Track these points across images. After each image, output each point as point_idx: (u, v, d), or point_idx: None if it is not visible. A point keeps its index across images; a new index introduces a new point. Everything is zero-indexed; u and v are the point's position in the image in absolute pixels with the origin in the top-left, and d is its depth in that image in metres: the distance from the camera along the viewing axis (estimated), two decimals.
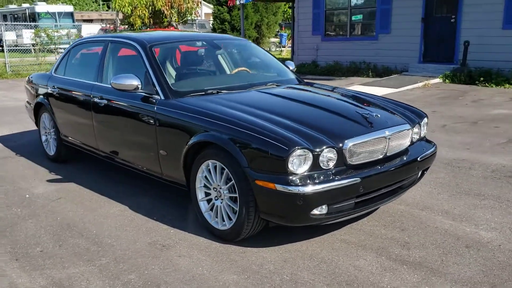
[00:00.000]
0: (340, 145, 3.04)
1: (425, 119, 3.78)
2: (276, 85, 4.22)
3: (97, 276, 2.94)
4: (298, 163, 2.92)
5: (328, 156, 2.99)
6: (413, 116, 3.69)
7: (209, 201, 3.50)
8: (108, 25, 22.25)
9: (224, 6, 22.71)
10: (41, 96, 5.47)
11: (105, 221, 3.78)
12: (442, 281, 2.79)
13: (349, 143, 3.06)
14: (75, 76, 4.97)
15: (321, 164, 2.98)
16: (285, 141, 2.92)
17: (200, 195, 3.52)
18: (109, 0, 65.08)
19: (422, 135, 3.75)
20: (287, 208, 2.96)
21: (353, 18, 14.96)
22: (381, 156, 3.26)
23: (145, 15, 18.64)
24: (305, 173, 2.94)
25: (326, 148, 2.98)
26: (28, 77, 6.22)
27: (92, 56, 5.11)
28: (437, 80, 11.59)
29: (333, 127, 3.18)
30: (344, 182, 2.97)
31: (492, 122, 7.12)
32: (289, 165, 2.89)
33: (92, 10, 60.63)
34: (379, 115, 3.41)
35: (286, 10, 26.38)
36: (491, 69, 11.37)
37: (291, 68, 4.84)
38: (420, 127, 3.69)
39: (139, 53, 4.15)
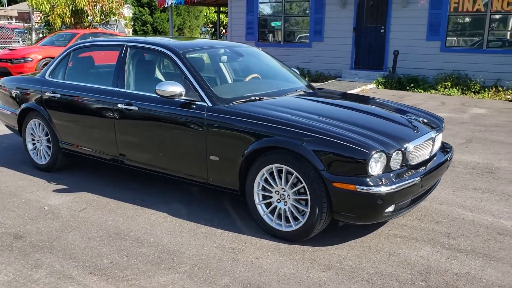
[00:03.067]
0: (405, 147, 3.36)
1: (444, 123, 4.25)
2: (304, 92, 4.45)
3: (192, 282, 2.96)
4: (375, 166, 3.19)
5: (397, 158, 3.30)
6: (437, 120, 4.13)
7: (266, 204, 3.63)
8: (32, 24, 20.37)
9: (145, 8, 22.24)
10: (31, 102, 5.14)
11: (155, 229, 3.74)
12: (501, 264, 3.22)
13: (410, 146, 3.39)
14: (82, 81, 4.76)
15: (391, 166, 3.28)
16: (365, 145, 3.17)
17: (257, 198, 3.64)
18: None
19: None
20: (364, 207, 3.21)
21: (273, 24, 15.64)
22: (427, 157, 3.65)
23: (65, 14, 17.71)
24: (379, 174, 3.22)
25: (396, 150, 3.28)
26: (1, 82, 5.79)
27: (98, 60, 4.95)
28: (372, 85, 12.52)
29: (393, 132, 3.49)
30: (411, 181, 3.30)
31: None
32: (369, 168, 3.15)
33: None
34: (425, 120, 3.81)
35: (207, 14, 26.48)
36: (417, 76, 12.56)
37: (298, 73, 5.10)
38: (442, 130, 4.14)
39: (171, 60, 4.14)
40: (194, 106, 3.86)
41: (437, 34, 12.38)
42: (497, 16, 11.80)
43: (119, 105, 4.27)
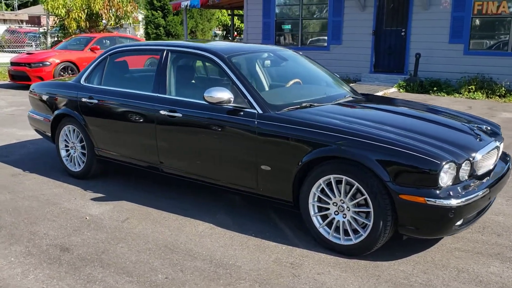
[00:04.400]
0: (473, 156, 3.19)
1: (501, 130, 4.07)
2: (353, 98, 4.29)
3: None
4: (445, 177, 3.01)
5: (466, 169, 3.12)
6: (495, 128, 3.95)
7: (322, 216, 3.46)
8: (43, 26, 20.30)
9: (158, 11, 22.17)
10: (66, 108, 5.01)
11: (204, 241, 3.58)
12: None
13: (478, 155, 3.22)
14: (119, 87, 4.62)
15: (460, 177, 3.10)
16: (436, 156, 3.00)
17: (312, 210, 3.48)
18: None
19: None
20: (434, 221, 3.03)
21: (287, 27, 15.50)
22: (492, 167, 3.47)
23: (81, 18, 17.65)
24: (449, 186, 3.04)
25: (465, 161, 3.11)
26: (32, 87, 5.69)
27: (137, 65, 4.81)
28: (393, 89, 12.32)
29: (459, 140, 3.32)
30: (481, 192, 3.13)
31: None
32: (439, 179, 2.97)
33: None
34: (488, 127, 3.63)
35: (219, 17, 26.39)
36: (439, 79, 12.36)
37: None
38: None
39: (217, 64, 3.99)
40: (242, 113, 3.71)
41: (460, 36, 12.17)
42: None
43: (162, 112, 4.12)
